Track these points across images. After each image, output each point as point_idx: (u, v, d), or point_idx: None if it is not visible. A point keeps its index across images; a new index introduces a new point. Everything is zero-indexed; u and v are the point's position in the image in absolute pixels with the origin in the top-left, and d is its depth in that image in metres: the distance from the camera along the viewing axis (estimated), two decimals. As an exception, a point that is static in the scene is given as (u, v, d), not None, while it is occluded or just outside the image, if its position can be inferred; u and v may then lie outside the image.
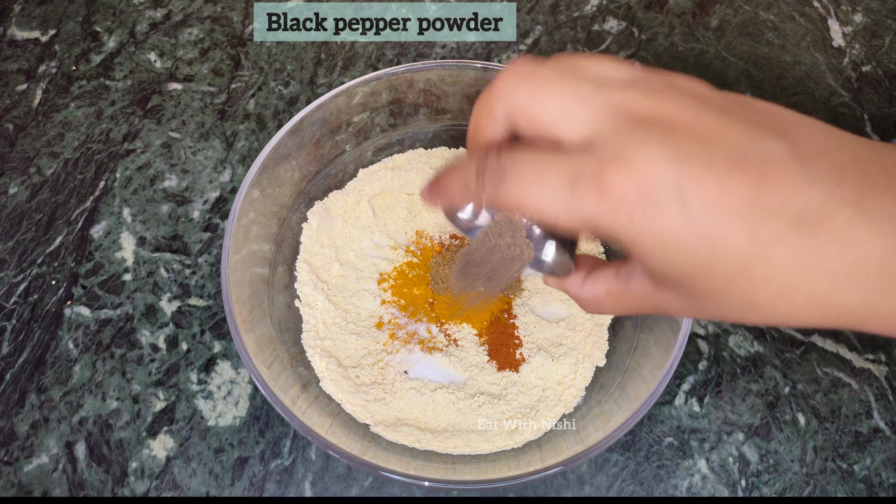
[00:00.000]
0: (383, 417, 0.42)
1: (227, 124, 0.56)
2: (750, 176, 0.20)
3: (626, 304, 0.28)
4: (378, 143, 0.51)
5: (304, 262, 0.47)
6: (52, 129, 0.56)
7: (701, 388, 0.46)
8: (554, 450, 0.39)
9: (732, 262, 0.21)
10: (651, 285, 0.25)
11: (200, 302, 0.48)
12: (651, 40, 0.62)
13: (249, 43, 0.61)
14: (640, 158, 0.21)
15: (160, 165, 0.54)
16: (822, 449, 0.44)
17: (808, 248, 0.20)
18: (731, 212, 0.20)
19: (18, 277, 0.49)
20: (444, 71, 0.47)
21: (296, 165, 0.46)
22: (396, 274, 0.47)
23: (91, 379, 0.45)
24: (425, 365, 0.44)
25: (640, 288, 0.26)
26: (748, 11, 0.64)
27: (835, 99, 0.59)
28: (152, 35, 0.62)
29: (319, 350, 0.44)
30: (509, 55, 0.61)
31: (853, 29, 0.63)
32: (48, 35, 0.61)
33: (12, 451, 0.43)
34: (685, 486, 0.43)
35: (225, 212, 0.52)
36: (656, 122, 0.22)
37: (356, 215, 0.50)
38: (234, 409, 0.45)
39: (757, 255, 0.20)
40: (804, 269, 0.20)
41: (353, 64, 0.60)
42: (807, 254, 0.20)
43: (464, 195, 0.26)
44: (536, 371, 0.44)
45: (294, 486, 0.42)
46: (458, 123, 0.51)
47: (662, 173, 0.20)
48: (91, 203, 0.52)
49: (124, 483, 0.42)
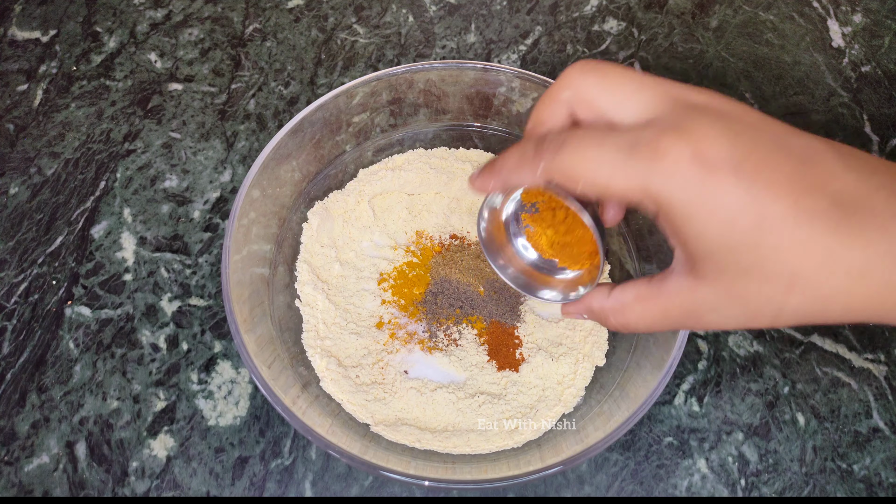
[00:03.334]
0: (383, 417, 0.42)
1: (227, 124, 0.56)
2: (793, 158, 0.22)
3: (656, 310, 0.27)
4: (378, 144, 0.51)
5: (305, 262, 0.47)
6: (52, 129, 0.56)
7: (700, 387, 0.46)
8: (554, 449, 0.39)
9: (778, 230, 0.22)
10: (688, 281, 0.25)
11: (201, 302, 0.48)
12: (651, 40, 0.62)
13: (249, 43, 0.61)
14: (697, 128, 0.22)
15: (161, 165, 0.54)
16: (822, 448, 0.44)
17: (848, 225, 0.21)
18: (777, 181, 0.22)
19: (19, 277, 0.49)
20: (444, 71, 0.47)
21: (296, 165, 0.46)
22: (396, 274, 0.47)
23: (92, 379, 0.46)
24: (425, 365, 0.44)
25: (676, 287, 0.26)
26: (748, 12, 0.64)
27: (834, 99, 0.59)
28: (153, 35, 0.62)
29: (320, 350, 0.44)
30: (509, 55, 0.61)
31: (853, 29, 0.63)
32: (49, 35, 0.61)
33: (13, 450, 0.43)
34: (685, 486, 0.43)
35: (225, 212, 0.52)
36: (710, 109, 0.24)
37: (356, 215, 0.50)
38: (235, 409, 0.45)
39: (801, 224, 0.21)
40: (844, 243, 0.21)
41: (353, 64, 0.60)
42: (846, 230, 0.21)
43: (520, 167, 0.28)
44: (536, 371, 0.44)
45: (294, 486, 0.42)
46: (458, 123, 0.51)
47: (716, 141, 0.22)
48: (91, 203, 0.52)
49: (125, 483, 0.42)
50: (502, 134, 0.51)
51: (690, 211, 0.23)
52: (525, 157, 0.27)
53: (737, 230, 0.22)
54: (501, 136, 0.51)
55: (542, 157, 0.26)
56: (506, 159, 0.28)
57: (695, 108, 0.24)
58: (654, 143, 0.23)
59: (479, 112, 0.50)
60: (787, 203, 0.21)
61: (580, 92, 0.26)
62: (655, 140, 0.23)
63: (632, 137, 0.24)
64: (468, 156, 0.52)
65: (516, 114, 0.50)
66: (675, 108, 0.24)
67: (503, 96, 0.49)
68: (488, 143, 0.52)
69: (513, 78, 0.47)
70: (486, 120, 0.51)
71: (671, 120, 0.23)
